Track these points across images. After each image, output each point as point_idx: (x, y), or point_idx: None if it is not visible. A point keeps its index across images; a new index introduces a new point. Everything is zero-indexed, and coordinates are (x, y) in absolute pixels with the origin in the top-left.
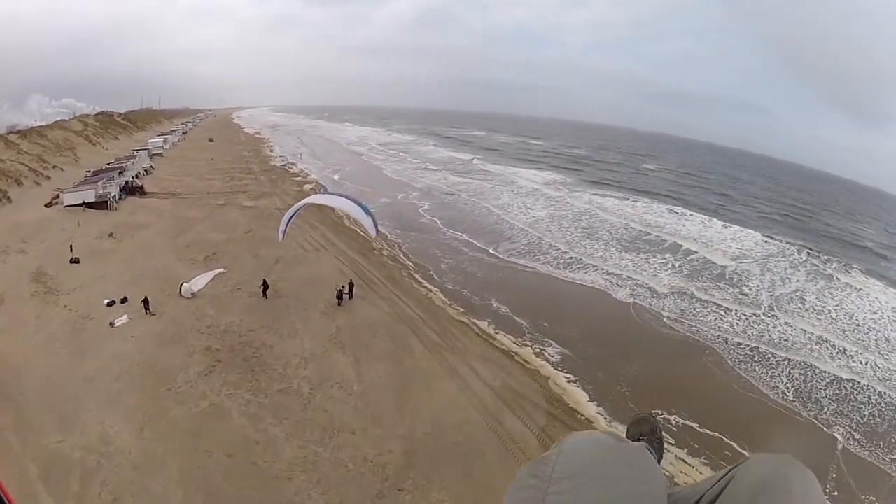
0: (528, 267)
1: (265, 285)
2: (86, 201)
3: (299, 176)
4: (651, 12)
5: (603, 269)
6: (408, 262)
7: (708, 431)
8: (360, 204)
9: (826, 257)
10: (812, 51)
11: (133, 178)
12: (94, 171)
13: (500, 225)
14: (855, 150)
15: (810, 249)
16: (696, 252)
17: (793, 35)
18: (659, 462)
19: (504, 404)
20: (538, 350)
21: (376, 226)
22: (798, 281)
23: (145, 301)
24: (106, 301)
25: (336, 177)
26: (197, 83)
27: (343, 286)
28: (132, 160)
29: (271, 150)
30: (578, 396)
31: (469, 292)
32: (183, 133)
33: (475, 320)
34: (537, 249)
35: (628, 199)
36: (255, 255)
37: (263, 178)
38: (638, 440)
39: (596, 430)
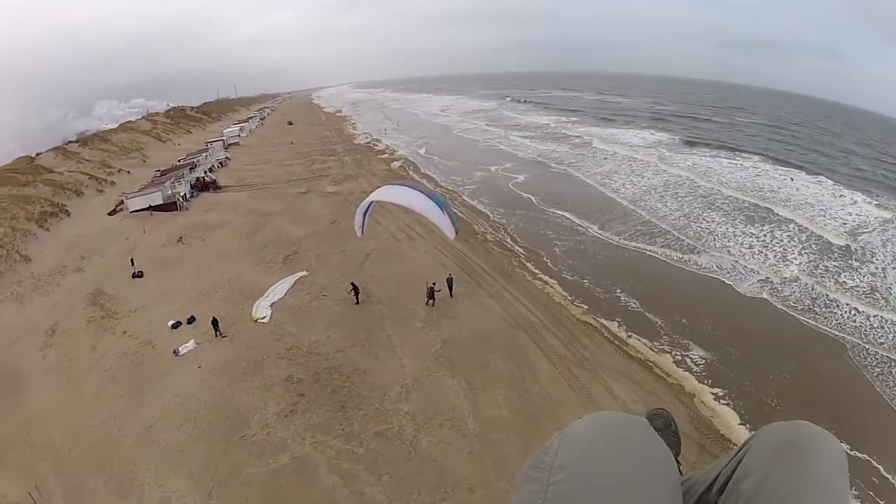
0: (646, 251)
1: (355, 289)
2: (152, 205)
3: (386, 153)
4: None
5: (725, 251)
6: (516, 248)
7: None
8: (433, 198)
9: None
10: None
11: (206, 172)
12: (163, 171)
13: (605, 200)
14: None
15: None
16: (811, 228)
17: None
18: (677, 457)
19: None
20: (678, 357)
21: (455, 225)
22: None
23: (214, 322)
24: (171, 323)
25: (422, 151)
26: (271, 69)
27: (433, 284)
28: (205, 154)
29: (354, 128)
30: (729, 418)
31: (590, 283)
32: (261, 119)
33: (603, 320)
34: (652, 229)
35: (734, 159)
36: (342, 250)
37: (347, 159)
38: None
39: (602, 411)
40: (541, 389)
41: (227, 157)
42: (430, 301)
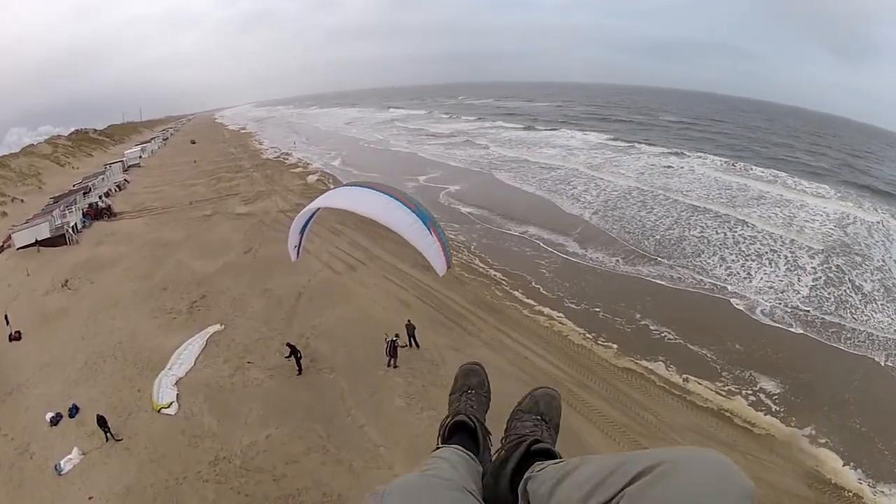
0: (644, 270)
1: (294, 353)
2: (38, 238)
3: (299, 166)
4: None
5: (721, 261)
6: (492, 273)
7: None
8: (417, 212)
9: None
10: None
11: (100, 197)
12: (56, 197)
13: (563, 212)
14: (846, 88)
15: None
16: (787, 234)
17: None
18: (485, 412)
19: None
20: (751, 397)
21: (447, 253)
22: None
23: (101, 421)
24: (49, 416)
25: (337, 163)
26: (177, 91)
27: (395, 336)
28: (101, 177)
29: (260, 144)
30: (832, 462)
31: (605, 312)
32: (164, 140)
33: (645, 363)
34: (637, 245)
35: (683, 155)
36: (265, 290)
37: (257, 175)
38: (465, 393)
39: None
40: None
41: (125, 180)
42: (392, 360)
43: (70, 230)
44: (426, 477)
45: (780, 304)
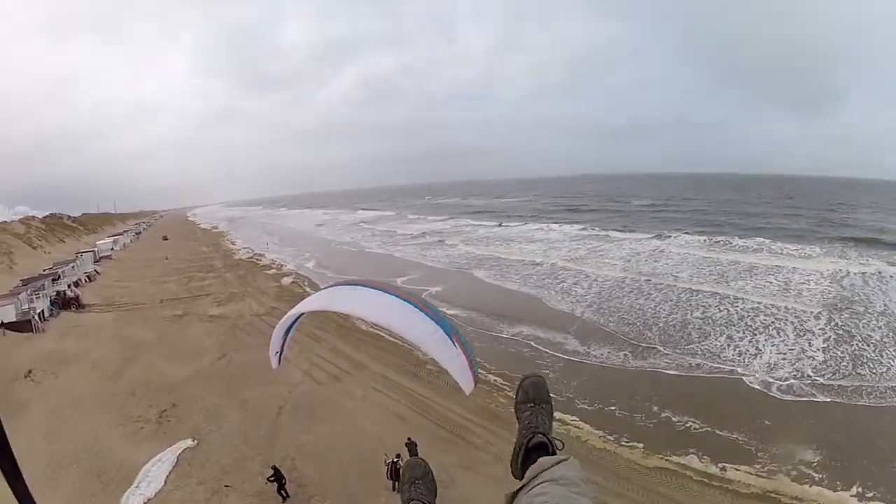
0: (650, 363)
1: (278, 478)
2: (4, 321)
3: (272, 268)
4: (586, 44)
5: (729, 341)
6: (491, 378)
7: None
8: (436, 319)
9: None
10: (743, 58)
11: (69, 286)
12: (25, 280)
13: (555, 309)
14: (810, 142)
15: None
16: (787, 301)
17: (723, 46)
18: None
19: None
20: (793, 472)
21: (473, 368)
22: None
23: None
24: None
25: (311, 265)
26: (149, 184)
27: (396, 457)
28: (72, 265)
29: (233, 244)
30: None
31: (622, 410)
32: (136, 234)
33: (676, 458)
34: (636, 337)
35: (664, 237)
36: (242, 401)
37: (229, 276)
38: (414, 483)
39: None
40: None
41: (95, 271)
42: (395, 484)
43: (37, 317)
44: None
45: (797, 375)
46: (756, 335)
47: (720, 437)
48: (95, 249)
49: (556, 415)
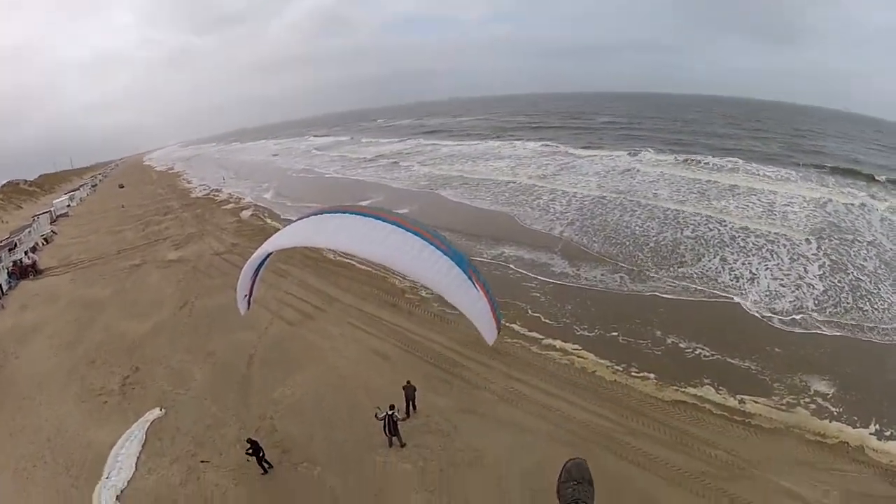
0: (650, 288)
1: (255, 450)
2: None
3: (230, 202)
4: None
5: (723, 263)
6: None
7: None
8: (449, 253)
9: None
10: None
11: (26, 253)
12: None
13: (536, 229)
14: (773, 71)
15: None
16: (775, 222)
17: None
18: None
19: None
20: (811, 405)
21: (496, 310)
22: None
23: None
24: None
25: (269, 195)
26: (106, 136)
27: (389, 410)
28: (28, 230)
29: (189, 182)
30: None
31: (626, 337)
32: (92, 186)
33: (691, 390)
34: (623, 257)
35: (635, 154)
36: (207, 354)
37: (186, 215)
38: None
39: None
40: None
41: (52, 232)
42: (393, 437)
43: None
44: None
45: (799, 306)
46: (749, 257)
47: (732, 366)
48: (52, 209)
49: (557, 343)
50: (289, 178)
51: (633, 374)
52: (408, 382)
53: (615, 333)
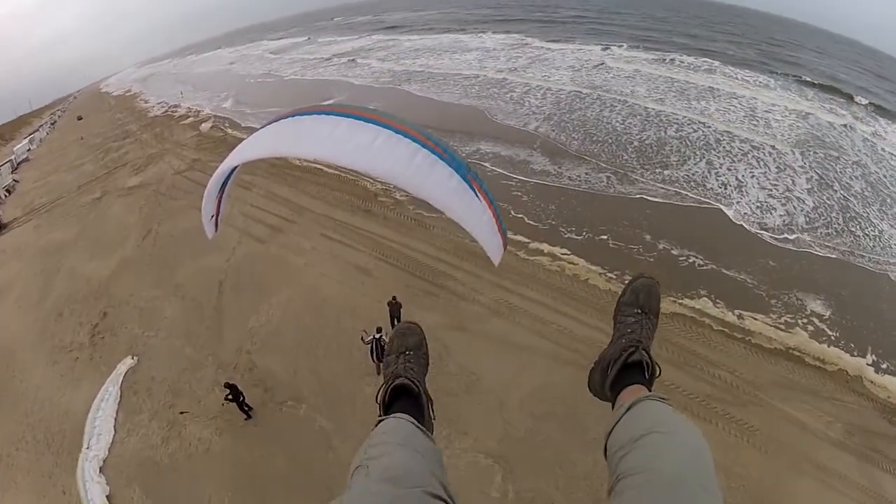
0: (638, 190)
1: (234, 394)
2: None
3: (189, 116)
4: None
5: (709, 167)
6: None
7: None
8: (448, 159)
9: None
10: None
11: None
12: None
13: (511, 125)
14: None
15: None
16: (758, 128)
17: None
18: (425, 375)
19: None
20: (809, 326)
21: (501, 224)
22: None
23: None
24: None
25: (228, 104)
26: (63, 70)
27: (378, 332)
28: None
29: (146, 102)
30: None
31: (616, 241)
32: (51, 124)
33: (688, 302)
34: (607, 156)
35: (608, 49)
36: (175, 286)
37: (146, 136)
38: (403, 355)
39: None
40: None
41: (14, 181)
42: (381, 363)
43: None
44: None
45: (790, 222)
46: (735, 163)
47: (727, 278)
48: (12, 157)
49: (543, 247)
50: (247, 84)
51: (627, 281)
52: (393, 298)
53: (604, 237)
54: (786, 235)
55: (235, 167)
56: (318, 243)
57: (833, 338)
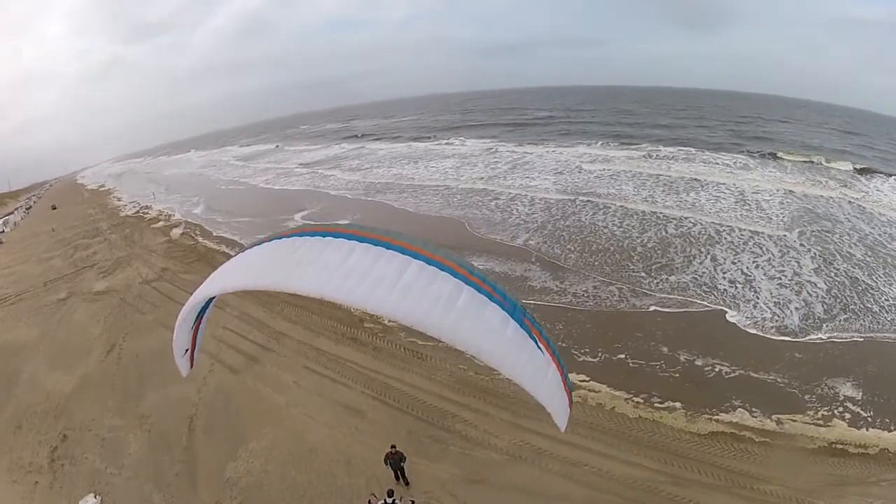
0: (648, 302)
1: None
2: None
3: (160, 219)
4: None
5: (714, 263)
6: None
7: None
8: (504, 302)
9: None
10: None
11: None
12: None
13: (501, 241)
14: (699, 58)
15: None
16: (752, 214)
17: None
18: None
19: None
20: (846, 414)
21: (567, 380)
22: None
23: None
24: None
25: (199, 210)
26: (41, 154)
27: (390, 498)
28: None
29: (119, 200)
30: None
31: (635, 359)
32: (26, 209)
33: (726, 416)
34: (610, 267)
35: (590, 146)
36: (140, 418)
37: (115, 237)
38: None
39: None
40: None
41: None
42: None
43: None
44: None
45: (808, 311)
46: (739, 254)
47: (758, 382)
48: None
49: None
50: (218, 190)
51: (656, 405)
52: (392, 448)
53: (622, 356)
54: (806, 330)
55: (213, 297)
56: (301, 377)
57: (869, 419)
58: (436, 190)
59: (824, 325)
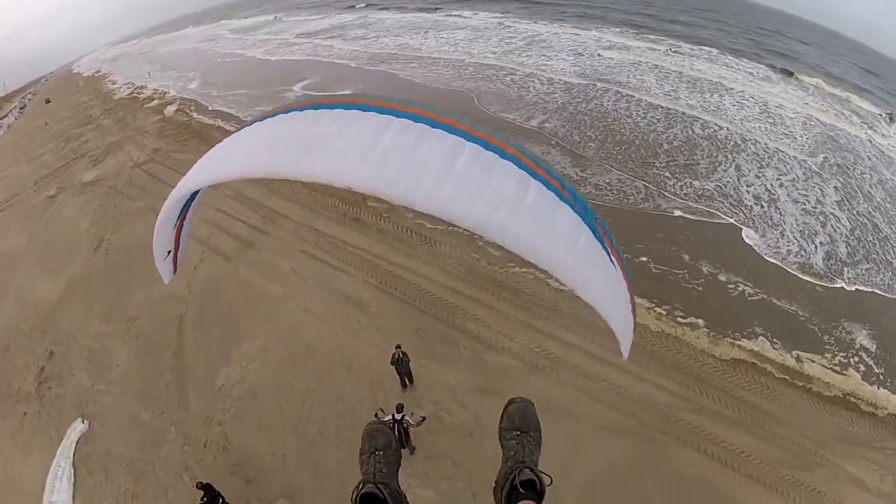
0: (672, 205)
1: (208, 496)
2: None
3: (154, 98)
4: None
5: (738, 174)
6: None
7: None
8: (559, 188)
9: None
10: None
11: None
12: None
13: (517, 123)
14: None
15: None
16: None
17: None
18: (397, 469)
19: None
20: (860, 367)
21: (631, 294)
22: None
23: None
24: None
25: (194, 85)
26: (37, 54)
27: (398, 414)
28: None
29: (113, 83)
30: None
31: (658, 264)
32: (20, 108)
33: (748, 344)
34: (634, 161)
35: (604, 32)
36: (127, 321)
37: (107, 122)
38: (373, 455)
39: None
40: None
41: None
42: (406, 446)
43: None
44: None
45: (831, 249)
46: (764, 168)
47: (780, 310)
48: None
49: None
50: (215, 64)
51: (679, 319)
52: (397, 349)
53: (644, 258)
54: (828, 272)
55: (196, 191)
56: (298, 263)
57: (881, 377)
58: (446, 62)
59: (846, 269)
